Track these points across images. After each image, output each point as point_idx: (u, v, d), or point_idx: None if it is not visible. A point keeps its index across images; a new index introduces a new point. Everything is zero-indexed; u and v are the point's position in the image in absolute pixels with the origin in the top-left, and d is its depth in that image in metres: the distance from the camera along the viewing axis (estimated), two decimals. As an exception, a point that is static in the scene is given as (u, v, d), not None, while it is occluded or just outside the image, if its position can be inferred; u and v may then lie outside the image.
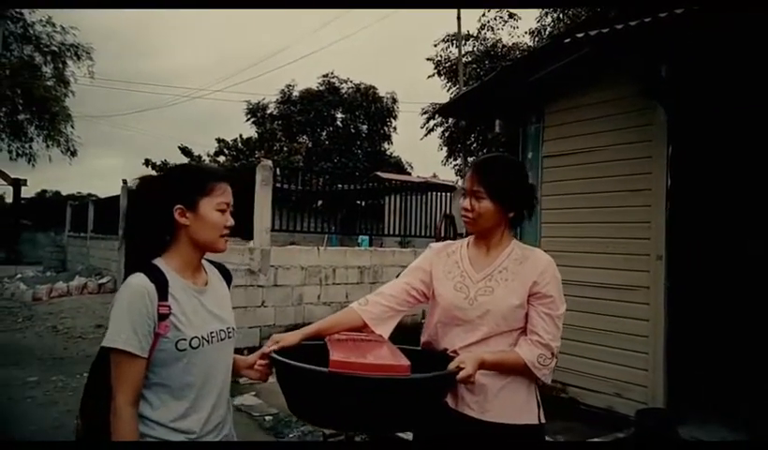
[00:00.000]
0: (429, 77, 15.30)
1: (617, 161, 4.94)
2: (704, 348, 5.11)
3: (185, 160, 19.17)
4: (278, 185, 9.41)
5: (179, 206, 1.66)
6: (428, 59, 15.78)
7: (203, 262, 1.80)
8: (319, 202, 11.34)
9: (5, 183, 27.51)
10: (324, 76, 30.07)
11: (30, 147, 21.55)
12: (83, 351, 7.41)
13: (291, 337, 1.80)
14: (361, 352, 1.70)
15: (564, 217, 5.38)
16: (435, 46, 14.55)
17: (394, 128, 31.28)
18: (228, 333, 1.75)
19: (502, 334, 1.85)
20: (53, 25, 20.26)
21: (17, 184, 26.81)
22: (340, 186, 12.96)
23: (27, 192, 31.28)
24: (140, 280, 1.58)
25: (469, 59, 13.96)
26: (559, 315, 1.87)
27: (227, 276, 1.90)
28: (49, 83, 20.74)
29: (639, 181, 4.79)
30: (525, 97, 5.60)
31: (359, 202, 14.26)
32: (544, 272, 1.86)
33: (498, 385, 1.82)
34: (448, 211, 8.63)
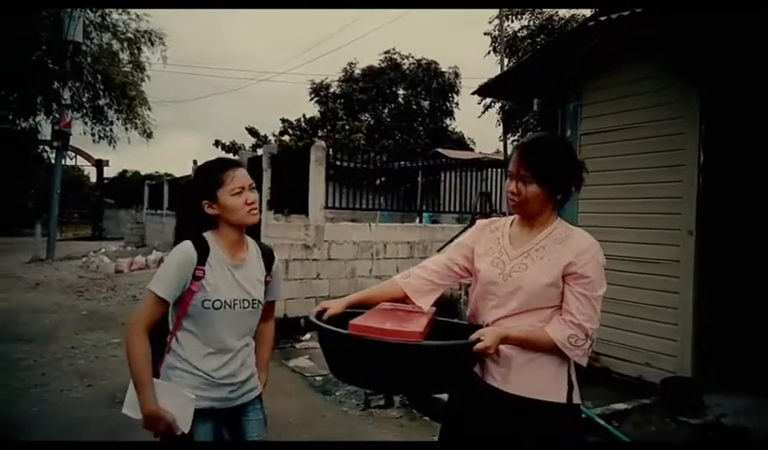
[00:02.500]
0: (486, 54, 15.37)
1: (651, 138, 5.05)
2: (731, 320, 5.19)
3: (252, 141, 20.05)
4: (339, 163, 9.87)
5: (205, 201, 2.03)
6: (485, 34, 15.81)
7: (252, 242, 2.16)
8: (381, 180, 11.66)
9: (89, 164, 29.60)
10: (386, 52, 30.22)
11: (111, 130, 23.09)
12: (159, 317, 8.19)
13: (337, 306, 1.91)
14: (387, 318, 1.78)
15: (600, 193, 5.51)
16: (490, 22, 14.55)
17: (456, 104, 31.12)
18: (253, 303, 2.08)
19: (533, 310, 1.84)
20: (128, 13, 21.49)
21: (100, 165, 28.80)
22: (401, 163, 13.26)
23: (109, 172, 33.48)
24: (186, 246, 1.99)
25: (525, 34, 13.86)
26: (596, 296, 1.83)
27: (269, 258, 2.19)
28: (126, 69, 22.05)
29: (672, 157, 4.89)
30: (563, 76, 5.74)
31: (419, 178, 14.53)
32: (583, 253, 1.83)
33: (524, 359, 1.82)
34: (487, 188, 8.84)
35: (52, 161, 19.74)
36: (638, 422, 4.37)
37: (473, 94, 6.37)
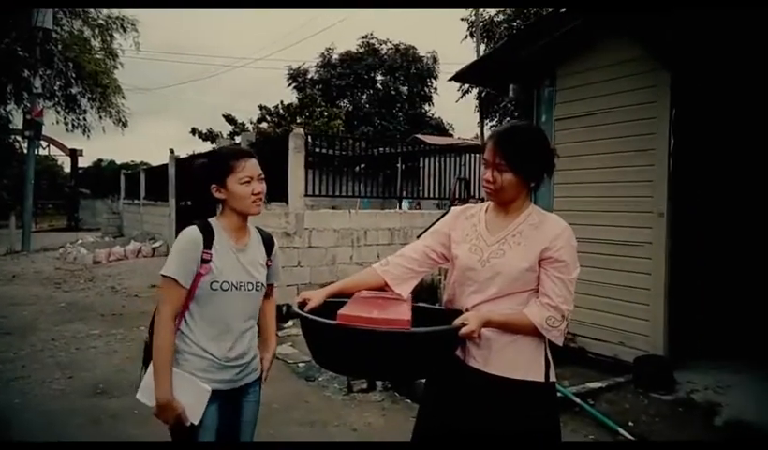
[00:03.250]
0: (462, 40, 15.43)
1: (623, 122, 5.16)
2: (702, 299, 5.38)
3: (230, 128, 19.85)
4: (318, 150, 9.85)
5: (214, 185, 2.12)
6: (462, 19, 15.84)
7: (253, 228, 2.25)
8: (361, 166, 11.65)
9: (63, 153, 29.10)
10: (363, 37, 30.09)
11: (84, 119, 22.63)
12: (139, 308, 8.16)
13: (317, 295, 1.93)
14: (372, 307, 1.82)
15: (575, 178, 5.63)
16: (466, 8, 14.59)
17: (435, 89, 31.12)
18: (256, 286, 2.17)
19: (511, 294, 1.90)
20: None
21: (74, 154, 28.33)
22: (380, 149, 13.26)
23: (84, 162, 32.99)
24: (193, 230, 2.08)
25: (501, 18, 13.92)
26: (571, 279, 1.89)
27: (269, 243, 2.30)
28: (98, 57, 21.62)
29: (643, 141, 5.01)
30: (538, 62, 5.80)
31: (398, 165, 14.55)
32: (557, 237, 1.89)
33: (504, 341, 1.88)
34: (466, 174, 8.93)
35: (25, 151, 19.37)
36: (612, 399, 4.51)
37: (450, 80, 6.42)
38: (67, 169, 31.29)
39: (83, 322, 7.45)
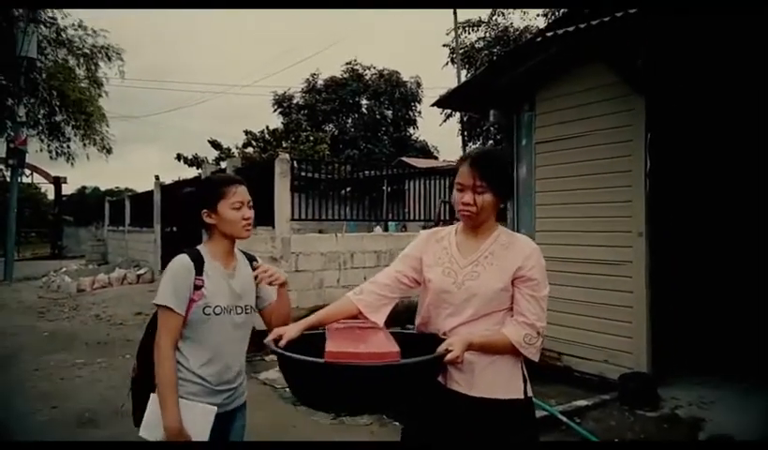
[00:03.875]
0: (444, 65, 15.72)
1: (601, 145, 5.30)
2: (683, 316, 5.48)
3: (215, 153, 19.87)
4: (304, 174, 9.90)
5: (205, 211, 2.17)
6: (444, 45, 16.13)
7: (238, 251, 2.28)
8: (347, 190, 11.71)
9: (46, 181, 28.84)
10: (347, 63, 30.43)
11: (68, 147, 22.51)
12: (124, 336, 8.09)
13: (292, 330, 1.89)
14: (355, 340, 1.83)
15: (555, 199, 5.75)
16: (447, 34, 14.91)
17: (419, 113, 31.48)
18: (246, 310, 2.21)
19: (488, 315, 1.94)
20: (84, 29, 21.11)
21: (57, 182, 28.07)
22: (365, 173, 13.35)
23: (68, 189, 32.67)
24: (183, 258, 2.12)
25: (482, 45, 14.21)
26: (543, 296, 1.95)
27: (252, 261, 2.31)
28: (83, 85, 21.64)
29: (620, 163, 5.15)
30: (518, 87, 5.96)
31: (384, 187, 14.64)
32: (529, 257, 1.95)
33: (484, 362, 1.91)
34: (449, 196, 9.00)
35: (8, 180, 19.21)
36: (598, 417, 4.56)
37: (432, 106, 6.55)
38: (51, 196, 30.97)
39: (67, 351, 7.36)
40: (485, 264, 1.97)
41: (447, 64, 15.63)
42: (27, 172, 23.80)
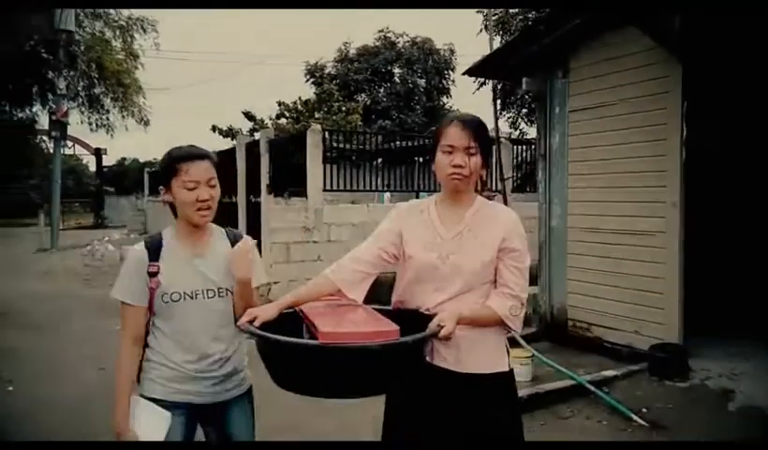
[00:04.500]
0: (478, 33, 15.41)
1: (636, 113, 5.20)
2: (716, 287, 5.40)
3: (249, 125, 20.07)
4: (336, 145, 9.97)
5: (161, 187, 2.00)
6: (478, 11, 15.75)
7: (218, 231, 2.09)
8: (379, 160, 11.74)
9: (87, 153, 29.69)
10: (380, 31, 30.10)
11: (108, 119, 23.11)
12: (165, 302, 8.40)
13: (269, 311, 1.76)
14: (344, 319, 1.76)
15: (588, 168, 5.69)
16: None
17: (453, 81, 31.03)
18: (219, 292, 1.99)
19: (473, 289, 1.90)
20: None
21: (98, 153, 28.86)
22: (398, 143, 13.28)
23: (108, 161, 33.53)
24: (137, 247, 2.02)
25: (516, 10, 13.88)
26: (526, 267, 1.93)
27: (236, 243, 2.06)
28: (120, 57, 22.02)
29: (655, 131, 5.05)
30: (551, 55, 5.86)
31: (417, 158, 14.61)
32: (512, 228, 1.92)
33: (471, 338, 1.86)
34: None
35: (51, 151, 19.84)
36: (626, 387, 4.59)
37: (464, 74, 6.49)
38: (92, 168, 31.95)
39: (112, 317, 7.68)
40: (469, 237, 1.92)
41: (481, 31, 15.35)
42: (69, 143, 24.63)
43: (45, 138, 23.28)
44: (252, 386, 2.15)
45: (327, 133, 9.17)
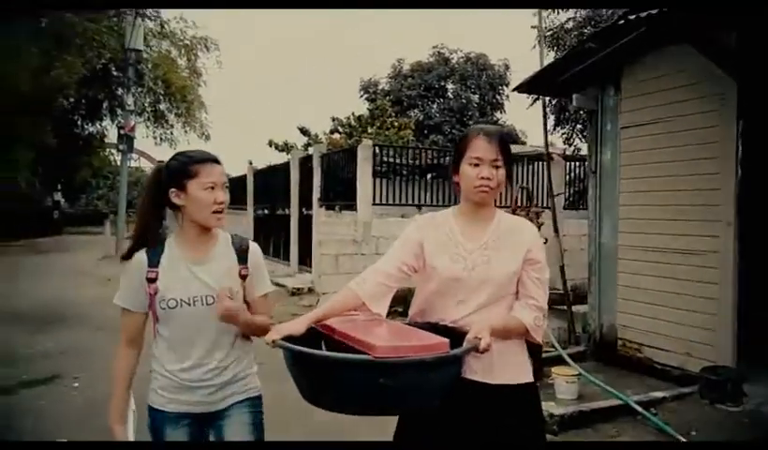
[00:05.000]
0: (532, 48, 15.32)
1: (688, 131, 5.11)
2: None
3: (304, 140, 20.58)
4: (388, 160, 10.14)
5: (173, 189, 1.93)
6: (533, 27, 15.64)
7: (223, 236, 2.04)
8: (431, 175, 11.84)
9: (152, 165, 30.98)
10: (434, 47, 30.31)
11: (171, 133, 24.14)
12: (219, 310, 8.71)
13: (297, 326, 1.73)
14: (389, 334, 1.74)
15: (639, 186, 5.61)
16: (534, 15, 14.32)
17: (507, 97, 30.83)
18: (218, 299, 1.92)
19: (497, 301, 1.90)
20: (185, 21, 22.47)
21: (161, 166, 30.09)
22: (449, 158, 13.31)
23: (170, 173, 34.84)
24: (137, 255, 1.97)
25: (571, 25, 13.72)
26: (546, 279, 1.95)
27: (242, 250, 2.04)
28: (184, 74, 23.02)
29: (708, 149, 4.94)
30: (602, 71, 5.82)
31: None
32: (536, 240, 1.94)
33: (501, 348, 1.84)
34: (525, 183, 8.94)
35: (119, 164, 20.86)
36: (676, 409, 4.47)
37: (513, 90, 6.51)
38: (155, 180, 33.22)
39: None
40: (494, 248, 1.91)
41: (534, 46, 15.23)
42: (135, 156, 25.66)
43: (113, 151, 24.49)
44: (259, 395, 2.09)
45: (378, 148, 9.34)
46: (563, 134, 17.81)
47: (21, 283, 11.29)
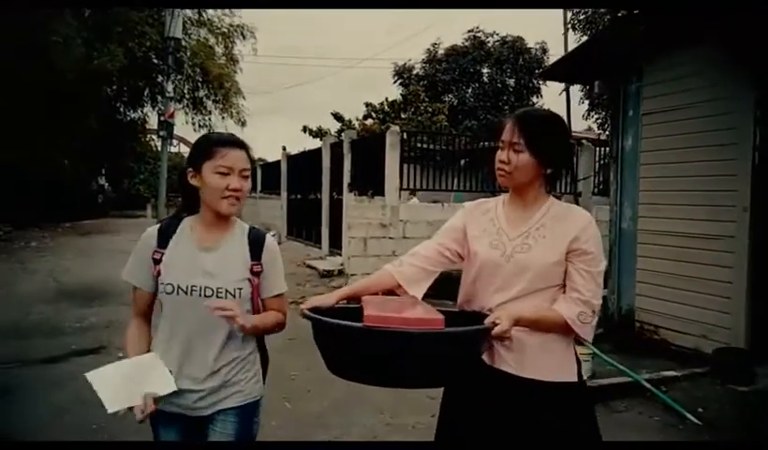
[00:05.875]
0: (564, 32, 15.16)
1: (707, 117, 5.18)
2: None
3: (338, 125, 20.89)
4: (420, 145, 10.31)
5: (190, 169, 1.85)
6: (566, 11, 15.51)
7: (240, 226, 1.93)
8: (465, 161, 11.95)
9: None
10: (469, 31, 30.09)
11: (209, 120, 24.75)
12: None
13: (326, 299, 1.76)
14: (395, 308, 1.71)
15: (659, 172, 5.70)
16: (567, -1, 14.23)
17: (544, 81, 30.44)
18: (218, 292, 1.81)
19: (538, 291, 1.80)
20: (222, 9, 22.94)
21: (200, 152, 30.87)
22: (483, 144, 13.42)
23: (208, 158, 35.69)
24: (149, 230, 1.92)
25: (603, 10, 13.60)
26: (599, 271, 1.81)
27: (257, 245, 1.90)
28: (221, 62, 23.55)
29: (726, 135, 5.02)
30: (624, 58, 5.89)
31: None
32: (585, 229, 1.81)
33: (536, 342, 1.77)
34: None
35: (159, 149, 21.56)
36: (686, 388, 4.62)
37: (538, 78, 6.64)
38: (194, 165, 34.03)
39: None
40: (537, 236, 1.83)
41: (566, 31, 15.10)
42: (175, 142, 26.41)
43: (154, 137, 25.29)
44: (255, 401, 1.93)
45: (408, 134, 9.54)
46: (597, 119, 17.66)
47: (68, 262, 11.93)
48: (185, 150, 32.47)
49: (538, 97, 30.57)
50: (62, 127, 18.45)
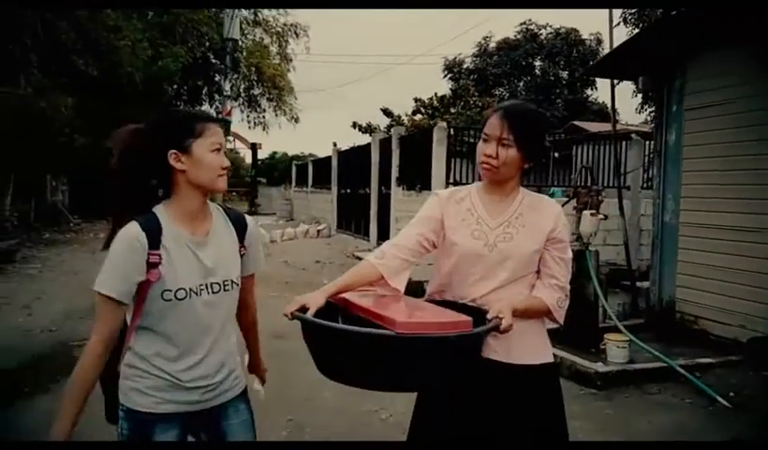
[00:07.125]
0: (616, 25, 15.00)
1: (750, 112, 5.27)
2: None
3: (387, 121, 21.26)
4: (468, 140, 10.56)
5: (173, 152, 1.64)
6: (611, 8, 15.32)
7: (216, 210, 1.81)
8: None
9: (245, 147, 32.85)
10: (522, 24, 29.85)
11: (263, 117, 25.69)
12: (306, 279, 9.57)
13: (318, 299, 1.68)
14: (410, 310, 1.70)
15: (703, 165, 5.81)
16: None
17: (590, 77, 29.84)
18: (225, 286, 1.74)
19: (519, 279, 1.86)
20: (277, 9, 23.68)
21: (254, 148, 31.83)
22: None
23: (262, 154, 36.79)
24: (132, 230, 1.61)
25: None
26: (569, 258, 1.91)
27: (240, 225, 1.83)
28: (275, 61, 24.32)
29: (766, 130, 5.09)
30: (669, 53, 6.00)
31: (553, 153, 14.57)
32: (558, 218, 1.89)
33: (522, 328, 1.78)
34: (586, 162, 9.04)
35: (217, 146, 22.50)
36: (720, 374, 4.76)
37: (583, 74, 6.80)
38: (248, 160, 35.03)
39: (264, 287, 8.97)
40: (516, 225, 1.87)
41: (618, 23, 15.02)
42: (231, 138, 27.42)
43: (220, 134, 26.33)
44: (246, 385, 1.92)
45: (455, 129, 9.81)
46: (651, 112, 17.35)
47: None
48: (240, 146, 33.60)
49: (592, 89, 30.03)
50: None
